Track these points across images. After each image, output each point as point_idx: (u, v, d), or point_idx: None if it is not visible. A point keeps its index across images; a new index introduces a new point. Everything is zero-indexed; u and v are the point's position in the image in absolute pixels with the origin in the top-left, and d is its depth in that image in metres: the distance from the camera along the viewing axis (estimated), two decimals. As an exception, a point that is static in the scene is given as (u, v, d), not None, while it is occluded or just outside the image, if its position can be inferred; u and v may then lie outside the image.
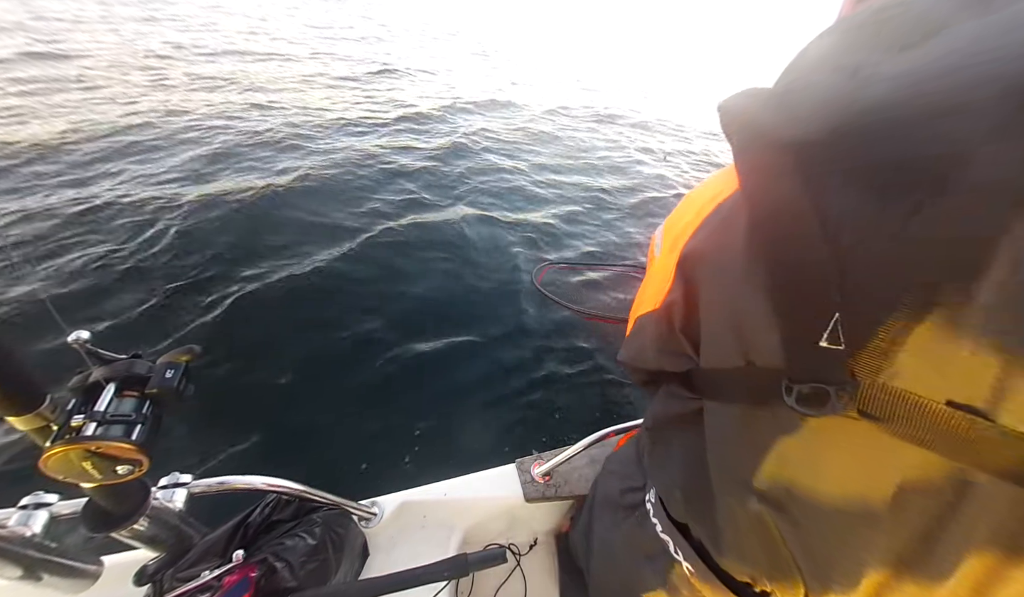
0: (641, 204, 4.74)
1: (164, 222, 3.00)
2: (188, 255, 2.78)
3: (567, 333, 2.82)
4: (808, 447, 0.37)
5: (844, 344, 0.32)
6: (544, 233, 3.78)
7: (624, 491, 0.67)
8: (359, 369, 2.34)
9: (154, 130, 4.16)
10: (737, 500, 0.44)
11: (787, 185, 0.33)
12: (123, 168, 3.46)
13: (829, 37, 0.36)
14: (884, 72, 0.29)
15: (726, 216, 0.42)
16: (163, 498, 0.70)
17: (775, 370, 0.37)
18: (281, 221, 3.22)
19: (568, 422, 2.32)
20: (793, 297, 0.34)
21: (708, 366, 0.45)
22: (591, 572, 0.79)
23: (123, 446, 0.49)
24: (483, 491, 1.19)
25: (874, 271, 0.30)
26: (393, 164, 4.31)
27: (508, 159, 5.09)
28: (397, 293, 2.82)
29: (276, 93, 5.69)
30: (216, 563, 0.70)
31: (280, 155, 4.06)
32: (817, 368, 0.34)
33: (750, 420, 0.41)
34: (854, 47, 0.33)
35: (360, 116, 5.40)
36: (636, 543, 0.61)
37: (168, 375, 0.54)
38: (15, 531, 0.59)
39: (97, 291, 2.46)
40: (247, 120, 4.70)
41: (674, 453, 0.53)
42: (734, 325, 0.40)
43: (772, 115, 0.35)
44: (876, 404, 0.32)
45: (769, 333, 0.36)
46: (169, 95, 5.05)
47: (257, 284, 2.68)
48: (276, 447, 1.96)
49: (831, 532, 0.38)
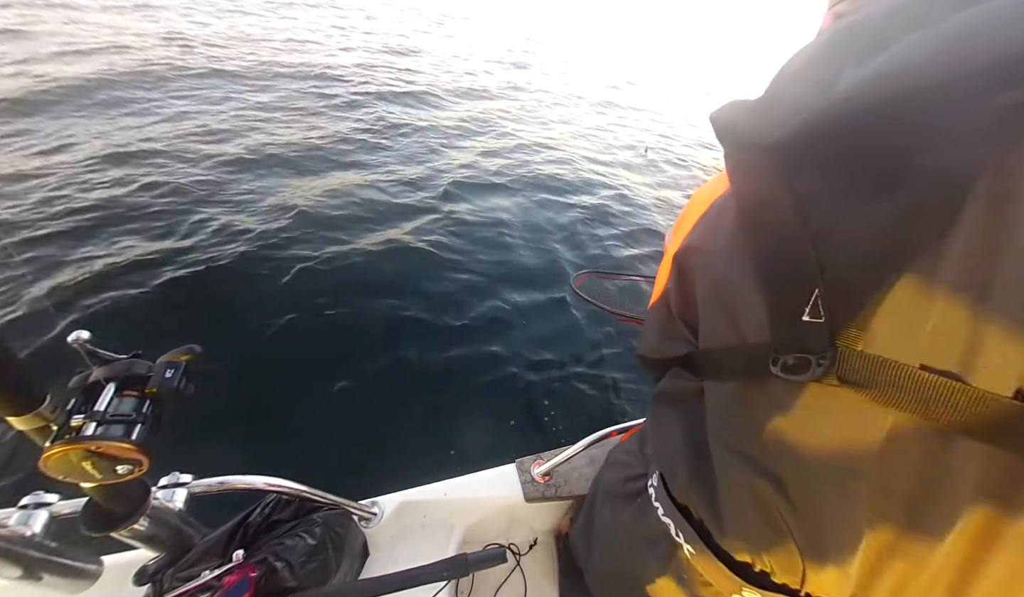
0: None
1: (164, 221, 3.00)
2: (188, 254, 2.78)
3: (569, 333, 2.82)
4: (797, 418, 0.40)
5: (824, 317, 0.35)
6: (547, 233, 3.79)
7: (627, 479, 0.68)
8: (359, 369, 2.34)
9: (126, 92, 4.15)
10: (735, 474, 0.46)
11: (767, 179, 0.37)
12: (124, 168, 3.47)
13: (803, 53, 0.41)
14: (845, 80, 0.34)
15: (718, 210, 0.47)
16: (163, 498, 0.70)
17: (764, 345, 0.40)
18: (281, 220, 3.22)
19: (569, 422, 2.32)
20: (777, 278, 0.38)
21: (705, 347, 0.49)
22: (593, 565, 0.79)
23: (123, 446, 0.49)
24: (483, 491, 1.19)
25: (845, 248, 0.34)
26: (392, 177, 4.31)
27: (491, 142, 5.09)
28: (397, 291, 2.83)
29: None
30: (216, 563, 0.70)
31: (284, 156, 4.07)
32: (801, 340, 0.37)
33: (744, 395, 0.44)
34: (822, 62, 0.38)
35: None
36: (637, 530, 0.62)
37: (168, 375, 0.54)
38: (15, 531, 0.59)
39: (97, 291, 2.46)
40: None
41: (676, 431, 0.56)
42: (726, 308, 0.44)
43: (753, 122, 0.40)
44: (854, 371, 0.35)
45: (757, 313, 0.40)
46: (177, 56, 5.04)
47: (257, 284, 2.68)
48: (276, 447, 1.96)
49: (823, 502, 0.40)
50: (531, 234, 3.75)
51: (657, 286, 0.58)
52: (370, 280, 2.88)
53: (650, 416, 0.66)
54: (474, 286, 3.04)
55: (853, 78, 0.33)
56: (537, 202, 4.30)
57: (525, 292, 3.07)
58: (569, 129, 6.74)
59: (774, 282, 0.39)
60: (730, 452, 0.46)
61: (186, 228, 2.99)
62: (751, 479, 0.44)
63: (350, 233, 3.23)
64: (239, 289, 2.64)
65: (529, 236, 3.72)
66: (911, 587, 0.37)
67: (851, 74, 0.33)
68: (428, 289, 2.92)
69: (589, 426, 1.11)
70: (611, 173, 5.40)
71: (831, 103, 0.33)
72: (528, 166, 5.02)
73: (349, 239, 3.17)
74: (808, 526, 0.42)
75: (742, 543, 0.48)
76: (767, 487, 0.43)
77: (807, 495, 0.41)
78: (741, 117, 0.42)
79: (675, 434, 0.56)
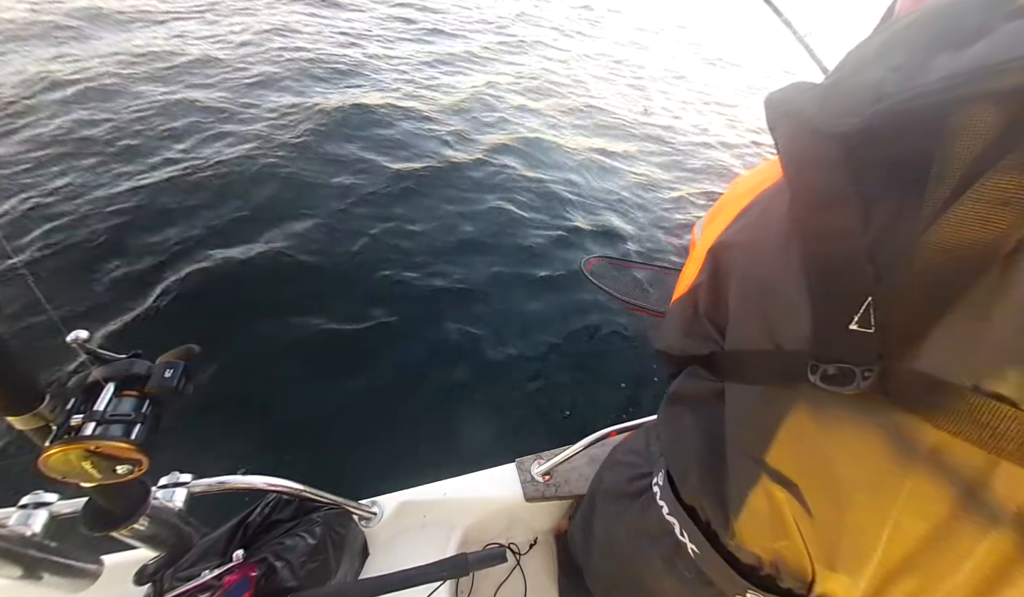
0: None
1: (164, 221, 3.00)
2: (189, 254, 2.78)
3: (571, 334, 2.82)
4: (830, 429, 0.38)
5: (874, 328, 0.33)
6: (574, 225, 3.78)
7: (631, 478, 0.68)
8: (359, 368, 2.34)
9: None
10: (753, 480, 0.45)
11: (833, 173, 0.34)
12: (122, 165, 3.47)
13: (878, 36, 0.38)
14: (929, 70, 0.30)
15: (766, 205, 0.44)
16: (163, 498, 0.70)
17: (801, 353, 0.38)
18: (282, 220, 3.22)
19: (569, 422, 2.32)
20: (829, 281, 0.36)
21: (732, 348, 0.47)
22: (593, 563, 0.79)
23: (122, 446, 0.49)
24: (483, 490, 1.19)
25: (908, 260, 0.32)
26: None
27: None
28: (398, 291, 2.82)
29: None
30: (216, 563, 0.70)
31: (286, 153, 4.07)
32: (845, 349, 0.35)
33: (771, 400, 0.42)
34: (901, 46, 0.34)
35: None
36: (640, 528, 0.62)
37: (167, 374, 0.54)
38: (15, 531, 0.59)
39: (97, 291, 2.46)
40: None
41: (690, 431, 0.54)
42: (763, 309, 0.42)
43: (819, 107, 0.36)
44: (900, 386, 0.33)
45: (799, 317, 0.38)
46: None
47: (257, 283, 2.68)
48: (276, 447, 1.96)
49: (846, 513, 0.38)
50: (540, 218, 3.71)
51: (684, 280, 0.56)
52: (370, 279, 2.88)
53: (662, 414, 0.66)
54: (477, 279, 3.04)
55: (948, 66, 0.29)
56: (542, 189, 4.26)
57: (531, 289, 3.06)
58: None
59: (824, 285, 0.36)
60: (749, 457, 0.45)
61: (186, 228, 2.99)
62: (769, 486, 0.43)
63: (351, 234, 3.23)
64: (239, 288, 2.63)
65: (537, 220, 3.68)
66: None
67: (945, 61, 0.30)
68: (431, 287, 2.92)
69: (590, 425, 1.11)
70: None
71: (920, 92, 0.30)
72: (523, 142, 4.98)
73: (350, 240, 3.16)
74: (824, 535, 0.41)
75: (751, 547, 0.48)
76: (785, 495, 0.42)
77: (829, 505, 0.40)
78: (808, 101, 0.37)
79: (689, 435, 0.55)
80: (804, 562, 0.43)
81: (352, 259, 3.00)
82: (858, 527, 0.38)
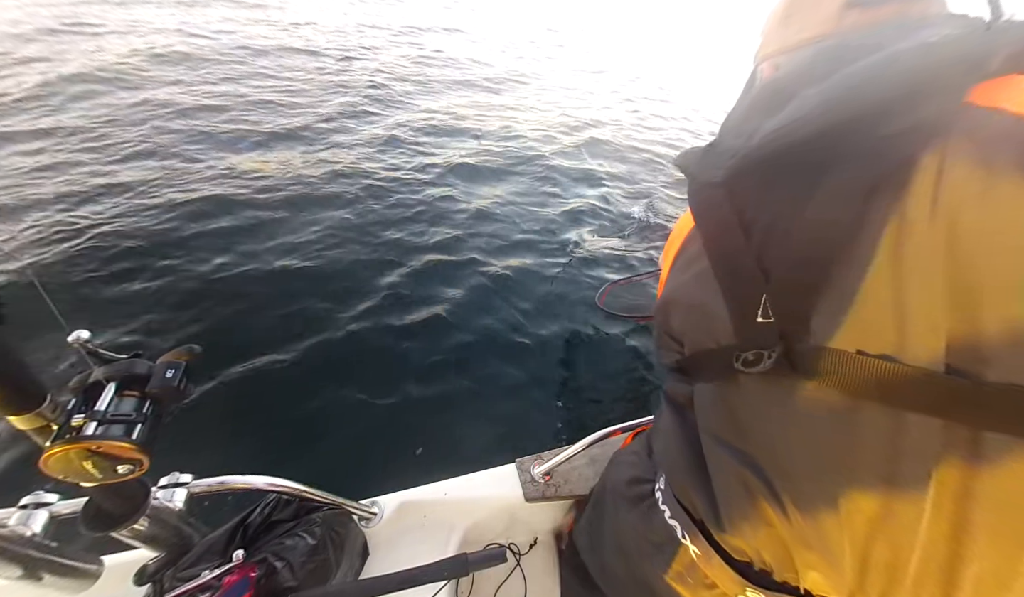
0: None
1: (164, 220, 3.00)
2: (189, 254, 2.78)
3: (571, 334, 2.82)
4: (763, 408, 0.45)
5: (772, 317, 0.42)
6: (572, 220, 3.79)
7: (632, 482, 0.70)
8: (360, 368, 2.34)
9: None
10: (724, 463, 0.51)
11: (721, 209, 0.46)
12: (119, 164, 3.47)
13: (738, 108, 0.53)
14: (762, 130, 0.43)
15: (690, 238, 0.55)
16: (163, 498, 0.70)
17: (732, 347, 0.46)
18: (281, 219, 3.22)
19: (569, 422, 2.32)
20: (734, 288, 0.46)
21: (690, 352, 0.56)
22: (597, 563, 0.80)
23: (123, 446, 0.49)
24: (483, 491, 1.19)
25: (780, 255, 0.41)
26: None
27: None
28: (398, 293, 2.82)
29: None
30: (216, 563, 0.70)
31: (283, 144, 4.07)
32: (758, 339, 0.43)
33: (722, 391, 0.51)
34: (749, 116, 0.48)
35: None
36: (644, 534, 0.64)
37: (168, 374, 0.54)
38: (15, 531, 0.59)
39: (97, 291, 2.46)
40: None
41: (674, 429, 0.61)
42: (702, 320, 0.51)
43: (699, 166, 0.50)
44: (802, 361, 0.40)
45: (725, 320, 0.47)
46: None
47: (258, 284, 2.68)
48: (276, 447, 1.96)
49: (801, 485, 0.43)
50: (534, 226, 3.73)
51: (656, 304, 0.66)
52: (371, 278, 2.88)
53: (655, 417, 0.72)
54: (479, 283, 3.04)
55: (766, 128, 0.43)
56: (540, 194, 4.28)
57: (533, 288, 3.06)
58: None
59: (733, 292, 0.46)
60: (717, 443, 0.51)
61: (187, 230, 2.99)
62: (738, 469, 0.48)
63: (351, 235, 3.23)
64: (240, 289, 2.63)
65: (531, 228, 3.70)
66: (904, 577, 0.37)
67: (767, 124, 0.43)
68: (432, 286, 2.92)
69: (590, 425, 1.11)
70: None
71: (752, 149, 0.43)
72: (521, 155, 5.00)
73: (351, 243, 3.16)
74: (792, 513, 0.44)
75: (739, 538, 0.50)
76: (750, 475, 0.47)
77: (785, 479, 0.45)
78: (692, 162, 0.51)
79: (674, 432, 0.60)
80: (785, 549, 0.47)
81: (353, 261, 3.01)
82: (816, 499, 0.42)
